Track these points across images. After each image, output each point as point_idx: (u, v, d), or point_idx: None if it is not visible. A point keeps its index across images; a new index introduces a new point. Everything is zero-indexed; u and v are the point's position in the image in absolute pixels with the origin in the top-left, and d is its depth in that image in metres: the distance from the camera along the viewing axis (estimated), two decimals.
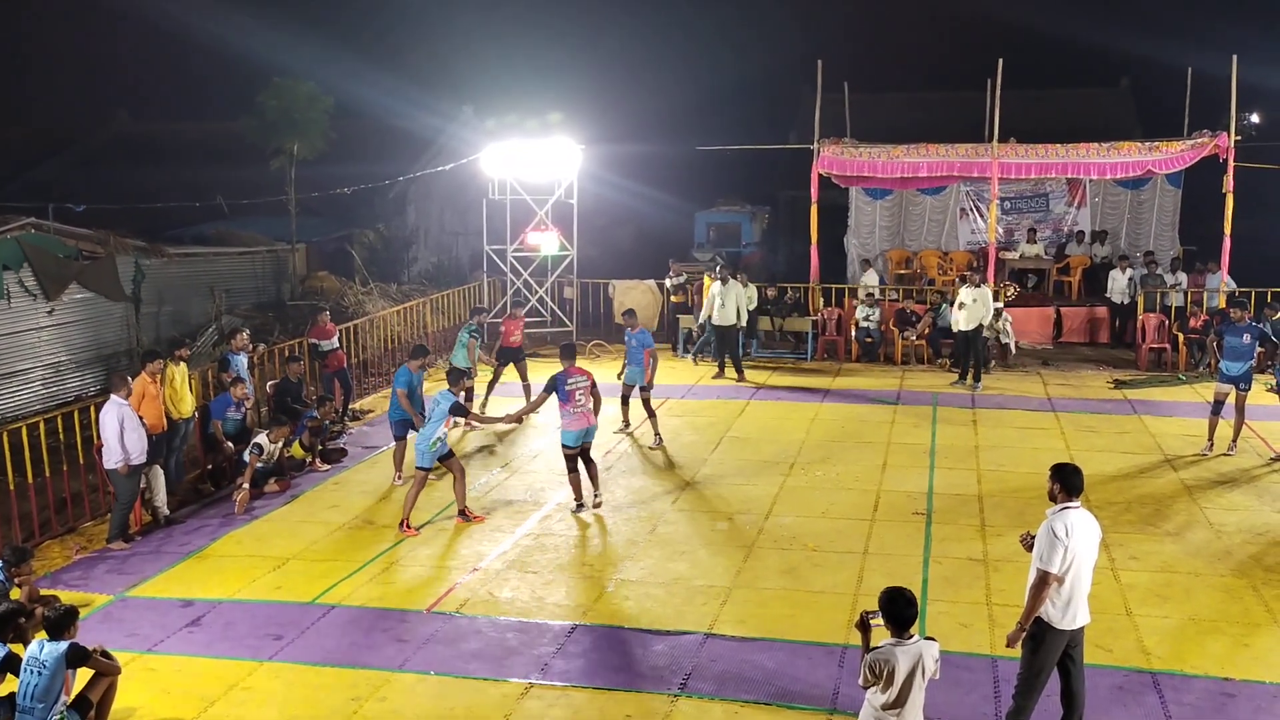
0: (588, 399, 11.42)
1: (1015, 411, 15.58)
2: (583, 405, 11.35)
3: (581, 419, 11.34)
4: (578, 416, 11.31)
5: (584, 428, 11.37)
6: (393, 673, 8.06)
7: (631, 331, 14.56)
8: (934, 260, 23.70)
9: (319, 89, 21.53)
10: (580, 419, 11.33)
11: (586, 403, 11.39)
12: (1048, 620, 6.51)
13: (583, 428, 11.36)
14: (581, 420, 11.34)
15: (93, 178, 27.26)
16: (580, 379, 11.42)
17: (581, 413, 11.34)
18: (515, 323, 16.39)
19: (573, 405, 11.30)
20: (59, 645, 6.82)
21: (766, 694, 7.63)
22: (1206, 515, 11.10)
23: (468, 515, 11.27)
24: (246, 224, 23.42)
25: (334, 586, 9.66)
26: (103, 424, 10.70)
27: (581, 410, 11.34)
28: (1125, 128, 28.34)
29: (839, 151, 20.60)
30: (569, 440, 11.36)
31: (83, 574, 10.14)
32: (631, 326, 14.68)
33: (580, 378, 11.43)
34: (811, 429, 14.75)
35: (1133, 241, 23.77)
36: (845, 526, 10.94)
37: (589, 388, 11.46)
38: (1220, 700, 7.46)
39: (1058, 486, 6.58)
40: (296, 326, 18.55)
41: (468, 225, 28.76)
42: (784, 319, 20.25)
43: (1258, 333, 13.32)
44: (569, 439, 11.36)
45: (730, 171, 32.99)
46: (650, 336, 14.51)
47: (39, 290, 15.62)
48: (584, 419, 11.35)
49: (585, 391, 11.40)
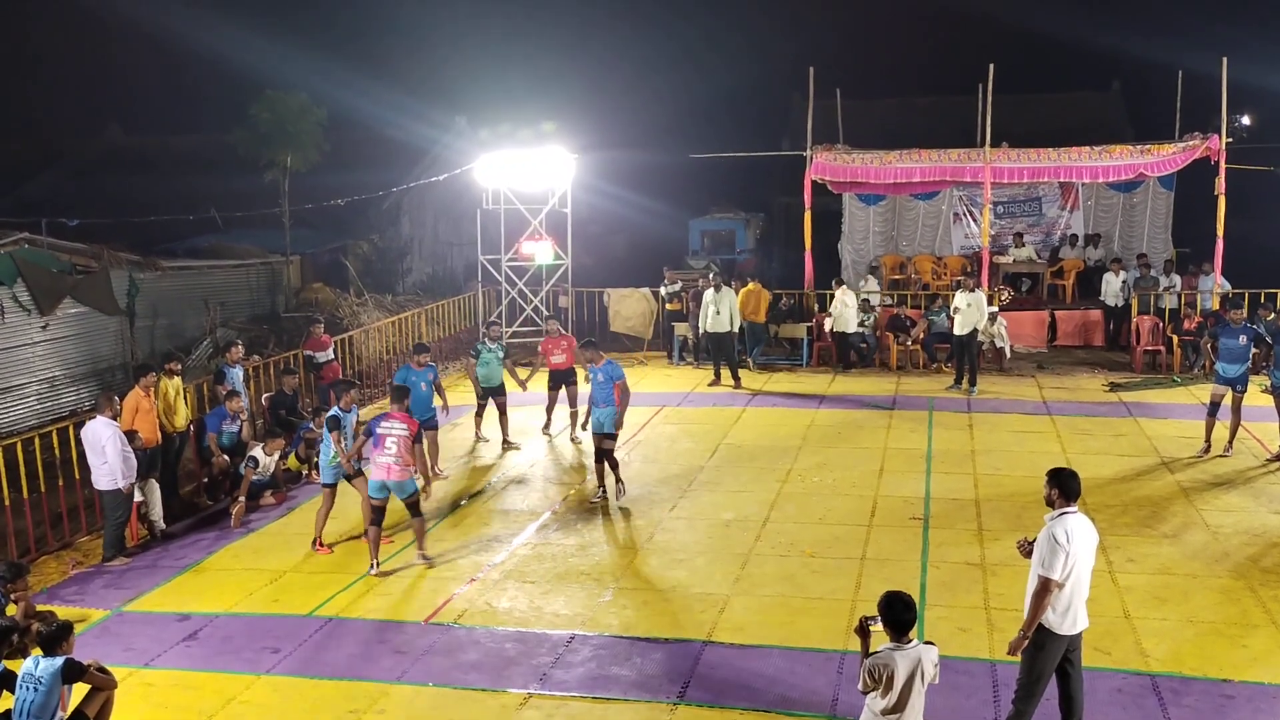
0: (400, 450, 10.12)
1: (1011, 415, 15.59)
2: (389, 454, 10.09)
3: (381, 469, 10.11)
4: (379, 466, 10.13)
5: (382, 479, 10.13)
6: (391, 684, 8.04)
7: (595, 365, 12.32)
8: (928, 265, 23.73)
9: (312, 100, 21.55)
10: (380, 469, 10.12)
11: (398, 452, 10.10)
12: (1048, 626, 6.51)
13: (380, 479, 10.13)
14: (380, 471, 10.12)
15: (86, 191, 27.23)
16: (396, 426, 10.18)
17: (385, 464, 10.09)
18: (555, 341, 15.00)
19: (380, 452, 10.14)
20: (55, 661, 6.78)
21: (766, 701, 7.62)
22: (1203, 517, 11.10)
23: (318, 546, 10.82)
24: (240, 236, 23.41)
25: (331, 599, 9.64)
26: (101, 445, 10.56)
27: (386, 461, 10.09)
28: (1117, 131, 28.42)
29: (832, 158, 20.66)
30: (371, 489, 10.31)
31: (79, 589, 10.11)
32: (593, 360, 12.41)
33: (397, 424, 10.19)
34: (808, 435, 14.75)
35: (1126, 244, 23.82)
36: (843, 532, 10.94)
37: (405, 439, 10.16)
38: (1219, 702, 7.46)
39: (1056, 491, 6.57)
40: (291, 338, 18.55)
41: (462, 235, 28.78)
42: (779, 325, 20.28)
43: (1253, 334, 13.34)
44: (371, 487, 10.29)
45: (724, 179, 33.10)
46: (619, 368, 12.37)
47: (33, 305, 15.59)
48: (384, 470, 10.10)
49: (397, 441, 10.11)
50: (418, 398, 12.66)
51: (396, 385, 11.40)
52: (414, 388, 12.60)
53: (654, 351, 21.15)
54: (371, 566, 10.17)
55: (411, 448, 10.30)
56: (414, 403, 12.56)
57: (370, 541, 10.25)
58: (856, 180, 21.13)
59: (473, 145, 26.68)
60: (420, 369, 13.14)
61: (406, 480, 10.22)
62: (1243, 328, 13.05)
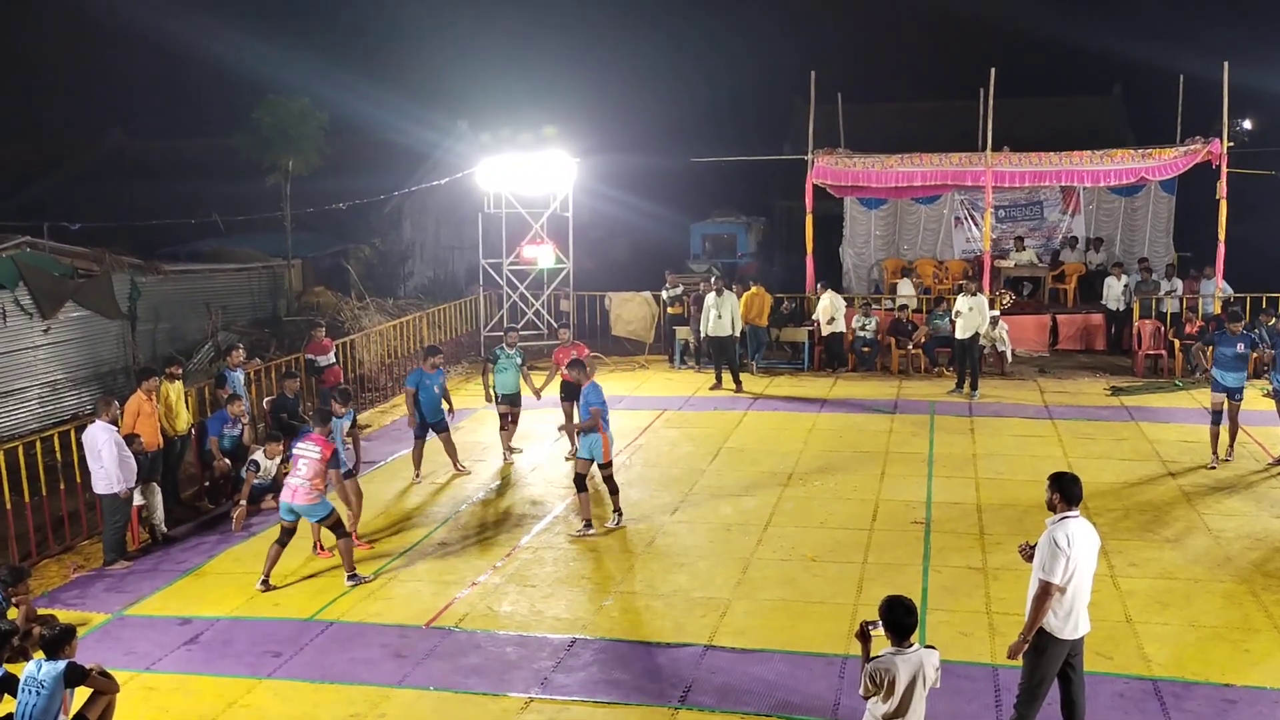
0: (309, 474, 9.83)
1: (1013, 419, 15.58)
2: (299, 476, 9.86)
3: (289, 491, 9.92)
4: (287, 487, 9.96)
5: (288, 502, 9.92)
6: (392, 689, 8.04)
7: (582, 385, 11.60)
8: (929, 269, 23.74)
9: (313, 104, 21.55)
10: (288, 490, 9.94)
11: (307, 475, 9.83)
12: (1049, 630, 6.50)
13: (286, 501, 9.94)
14: (287, 492, 9.94)
15: (88, 195, 27.24)
16: (310, 449, 9.92)
17: (293, 486, 9.88)
18: (567, 351, 14.28)
19: (291, 473, 10.00)
20: (57, 664, 6.78)
21: (767, 705, 7.61)
22: (1205, 521, 11.09)
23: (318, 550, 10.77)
24: (242, 240, 23.42)
25: (332, 603, 9.64)
26: (98, 450, 10.59)
27: (294, 484, 9.87)
28: (1118, 135, 28.49)
29: (833, 162, 20.67)
30: (280, 510, 10.14)
31: (80, 593, 10.11)
32: (579, 380, 11.66)
33: (311, 447, 9.92)
34: (809, 439, 14.74)
35: (1127, 248, 23.83)
36: (844, 536, 10.93)
37: (316, 462, 9.85)
38: (1221, 707, 7.45)
39: (1057, 496, 6.57)
40: (293, 342, 18.53)
41: (463, 239, 28.79)
42: (780, 329, 20.29)
43: (1250, 342, 13.33)
44: (281, 508, 10.12)
45: (725, 183, 33.11)
46: (600, 393, 11.39)
47: (35, 309, 15.59)
48: (291, 492, 9.89)
49: (309, 464, 9.85)
50: (429, 400, 12.93)
51: (319, 409, 11.16)
52: (426, 390, 12.82)
53: (655, 355, 21.15)
54: (260, 582, 9.94)
55: (323, 471, 9.90)
56: (425, 405, 12.76)
57: (269, 558, 10.02)
58: (858, 184, 21.14)
59: (474, 149, 26.71)
60: (433, 372, 13.22)
61: (314, 504, 9.90)
62: (1241, 336, 13.02)
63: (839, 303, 19.52)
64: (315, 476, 9.90)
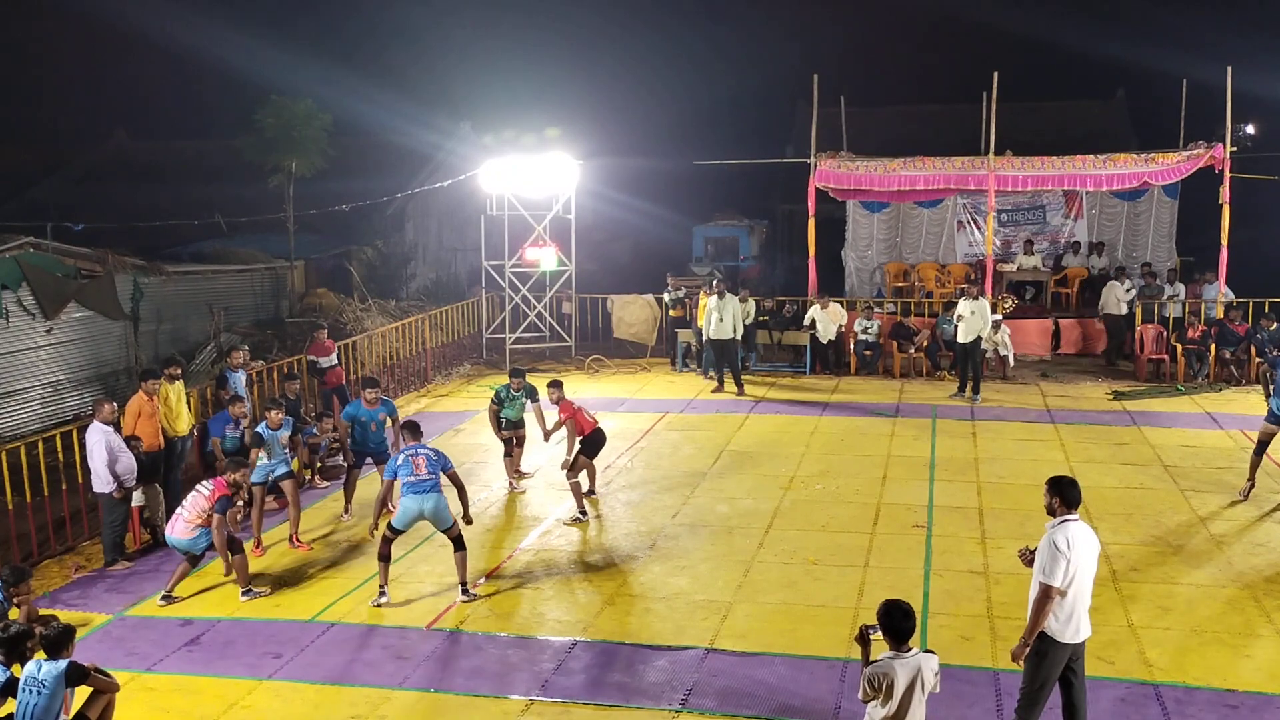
0: (190, 508, 9.97)
1: (1014, 423, 15.57)
2: (183, 508, 10.05)
3: (171, 521, 10.19)
4: (174, 517, 10.15)
5: (168, 534, 10.15)
6: (392, 690, 8.04)
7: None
8: (932, 273, 23.74)
9: (317, 106, 21.60)
10: (171, 520, 10.19)
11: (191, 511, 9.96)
12: (1050, 634, 6.49)
13: (167, 533, 10.22)
14: (169, 524, 10.24)
15: (91, 196, 27.31)
16: (203, 487, 10.03)
17: (175, 515, 10.14)
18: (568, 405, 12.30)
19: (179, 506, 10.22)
20: (57, 664, 6.79)
21: (768, 709, 7.61)
22: (1208, 527, 11.08)
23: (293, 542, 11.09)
24: (245, 241, 23.45)
25: (333, 604, 9.64)
26: (90, 451, 10.67)
27: (178, 515, 10.05)
28: (1121, 139, 28.44)
29: (836, 165, 20.65)
30: None
31: (81, 593, 10.12)
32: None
33: (205, 486, 10.04)
34: (811, 442, 14.74)
35: (1130, 253, 23.80)
36: (846, 540, 10.92)
37: (201, 499, 9.97)
38: (1223, 712, 7.43)
39: (1056, 499, 6.57)
40: (295, 343, 18.56)
41: (466, 241, 28.81)
42: (782, 332, 20.27)
43: None
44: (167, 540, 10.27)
45: (727, 186, 33.10)
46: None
47: (37, 309, 15.62)
48: (170, 524, 10.16)
49: (194, 499, 10.03)
50: (375, 436, 12.15)
51: (227, 450, 11.35)
52: (363, 428, 12.06)
53: (657, 358, 21.15)
54: (161, 596, 9.86)
55: (207, 510, 9.83)
56: (373, 442, 12.13)
57: (176, 574, 9.98)
58: (860, 187, 21.11)
59: (477, 151, 26.73)
60: (371, 408, 12.15)
61: (191, 538, 9.87)
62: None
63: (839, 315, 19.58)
64: (197, 514, 9.86)
